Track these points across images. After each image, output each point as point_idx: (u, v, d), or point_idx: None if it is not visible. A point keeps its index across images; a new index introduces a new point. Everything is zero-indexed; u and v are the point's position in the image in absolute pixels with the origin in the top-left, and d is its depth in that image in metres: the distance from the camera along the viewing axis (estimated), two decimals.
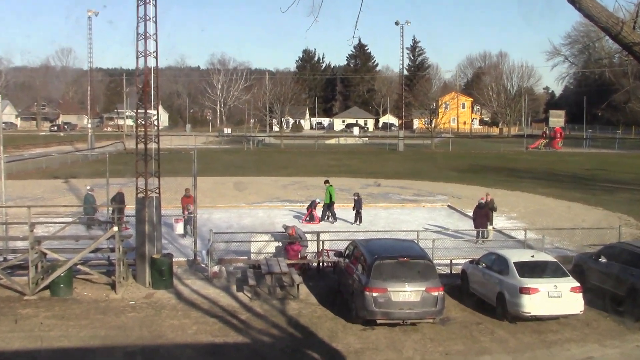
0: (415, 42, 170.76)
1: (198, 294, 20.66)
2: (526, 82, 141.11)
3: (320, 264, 23.58)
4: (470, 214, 30.27)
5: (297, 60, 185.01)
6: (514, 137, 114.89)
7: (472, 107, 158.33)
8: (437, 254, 23.50)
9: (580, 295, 18.02)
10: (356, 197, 32.35)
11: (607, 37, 9.33)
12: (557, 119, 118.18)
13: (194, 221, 24.98)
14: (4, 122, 66.03)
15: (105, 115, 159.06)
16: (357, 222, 31.87)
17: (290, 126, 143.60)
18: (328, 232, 26.31)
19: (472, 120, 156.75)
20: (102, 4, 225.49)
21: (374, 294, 17.25)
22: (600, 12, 8.73)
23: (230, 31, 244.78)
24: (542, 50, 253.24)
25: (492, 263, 19.78)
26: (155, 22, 21.43)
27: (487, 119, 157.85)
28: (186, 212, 28.69)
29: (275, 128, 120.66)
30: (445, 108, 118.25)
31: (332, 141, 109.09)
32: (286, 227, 24.57)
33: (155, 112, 22.81)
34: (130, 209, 24.75)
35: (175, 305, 19.59)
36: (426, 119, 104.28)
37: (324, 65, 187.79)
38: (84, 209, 30.71)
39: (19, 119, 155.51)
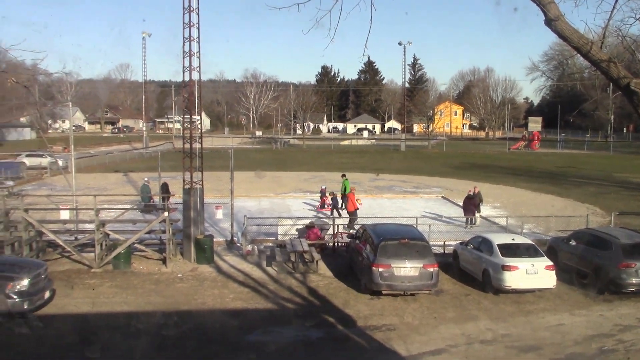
0: (415, 59, 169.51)
1: (234, 268, 20.81)
2: (509, 93, 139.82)
3: (336, 244, 23.64)
4: (461, 204, 30.17)
5: (316, 75, 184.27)
6: (498, 140, 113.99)
7: (463, 114, 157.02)
8: (433, 236, 23.46)
9: (554, 272, 18.02)
10: (332, 196, 30.68)
11: (579, 55, 9.29)
12: (535, 124, 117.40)
13: (231, 208, 25.01)
14: (74, 125, 66.50)
15: (157, 120, 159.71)
16: (338, 216, 29.30)
17: (311, 130, 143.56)
18: (342, 217, 26.31)
19: (463, 125, 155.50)
20: (153, 26, 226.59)
21: (380, 270, 17.33)
22: (572, 33, 8.70)
23: (261, 50, 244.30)
24: (523, 66, 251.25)
25: (479, 244, 19.77)
26: (198, 42, 21.52)
27: (475, 124, 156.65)
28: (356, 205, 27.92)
29: (298, 131, 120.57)
30: (440, 115, 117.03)
31: (346, 142, 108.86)
32: (311, 226, 24.28)
33: (198, 117, 22.94)
34: (178, 197, 24.89)
35: (215, 278, 19.74)
36: (424, 124, 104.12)
37: (339, 79, 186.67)
38: (141, 197, 30.97)
39: (87, 122, 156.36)
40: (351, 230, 24.14)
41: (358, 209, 27.56)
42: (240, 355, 13.74)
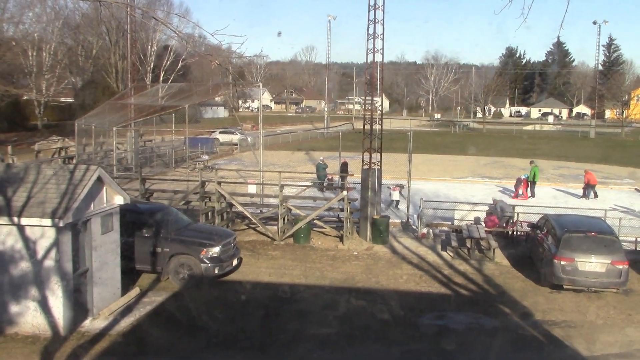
0: (611, 39, 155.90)
1: (408, 250, 20.84)
2: None
3: (514, 233, 22.73)
4: None
5: (500, 56, 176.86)
6: None
7: None
8: (623, 231, 21.67)
9: None
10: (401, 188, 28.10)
11: None
12: None
13: (407, 190, 25.01)
14: (263, 105, 70.31)
15: (338, 101, 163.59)
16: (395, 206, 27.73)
17: (492, 113, 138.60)
18: (522, 205, 25.25)
19: None
20: (339, 9, 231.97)
21: (562, 263, 16.44)
22: None
23: (444, 30, 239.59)
24: None
25: None
26: (383, 25, 21.67)
27: None
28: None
29: (479, 115, 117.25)
30: (638, 100, 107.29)
31: (529, 127, 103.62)
32: (495, 201, 24.00)
33: (379, 99, 23.11)
34: (356, 177, 25.38)
35: (389, 258, 19.92)
36: (618, 110, 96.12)
37: (524, 60, 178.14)
38: (317, 175, 32.06)
39: (273, 102, 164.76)
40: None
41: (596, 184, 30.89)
42: (412, 337, 13.78)
